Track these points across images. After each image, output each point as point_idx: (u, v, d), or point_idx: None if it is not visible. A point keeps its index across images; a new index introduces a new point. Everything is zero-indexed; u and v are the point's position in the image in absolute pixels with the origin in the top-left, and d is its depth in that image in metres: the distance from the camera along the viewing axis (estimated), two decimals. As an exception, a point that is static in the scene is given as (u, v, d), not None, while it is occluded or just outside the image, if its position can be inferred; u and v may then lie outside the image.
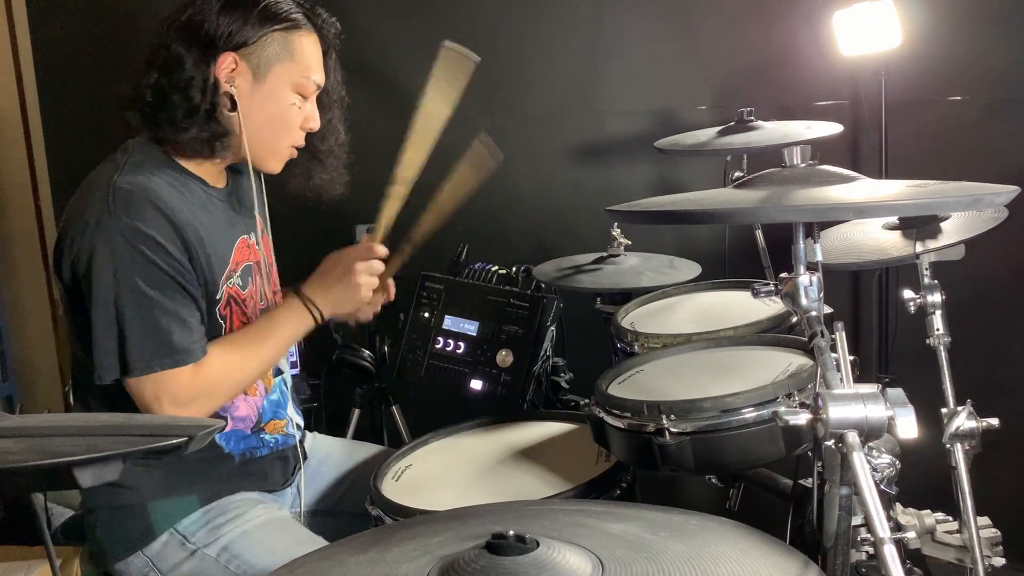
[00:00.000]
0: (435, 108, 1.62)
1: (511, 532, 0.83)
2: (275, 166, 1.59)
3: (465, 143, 1.64)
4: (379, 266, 1.60)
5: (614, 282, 2.05)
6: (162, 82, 1.46)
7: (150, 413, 1.41)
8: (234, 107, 1.49)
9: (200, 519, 1.52)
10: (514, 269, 2.09)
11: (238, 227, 1.60)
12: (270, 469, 1.64)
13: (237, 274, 1.56)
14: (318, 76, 1.57)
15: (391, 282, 1.70)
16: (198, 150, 1.50)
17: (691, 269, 2.10)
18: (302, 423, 1.76)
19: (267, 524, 1.55)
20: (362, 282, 1.56)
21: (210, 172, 1.57)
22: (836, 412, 0.90)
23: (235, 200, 1.62)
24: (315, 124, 1.59)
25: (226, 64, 1.47)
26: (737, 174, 2.16)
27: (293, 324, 1.55)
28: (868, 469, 0.88)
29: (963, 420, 1.51)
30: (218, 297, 1.51)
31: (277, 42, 1.50)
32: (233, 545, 1.50)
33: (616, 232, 2.13)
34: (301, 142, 1.59)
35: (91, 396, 1.51)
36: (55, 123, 3.10)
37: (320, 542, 1.55)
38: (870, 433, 0.90)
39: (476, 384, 1.95)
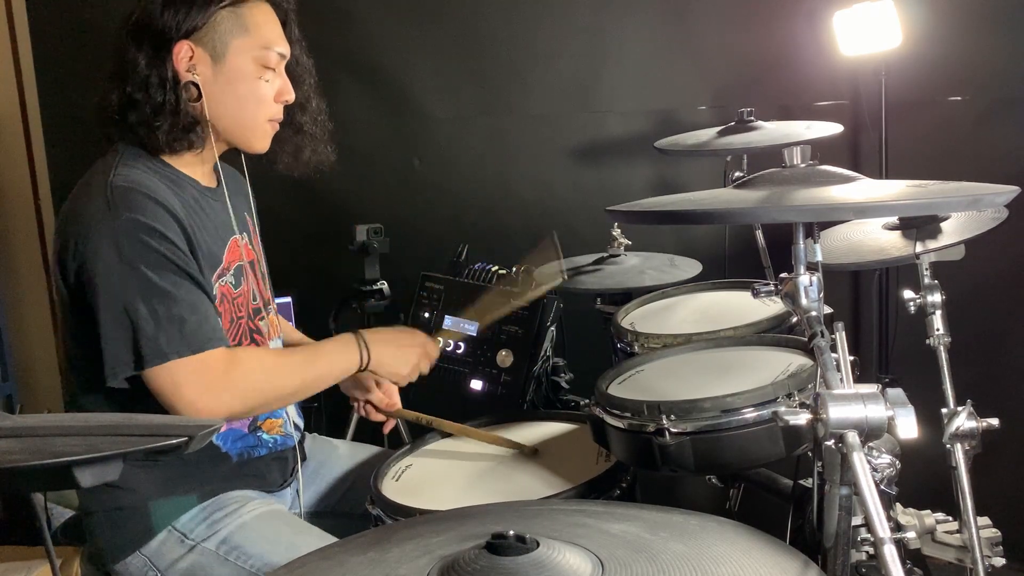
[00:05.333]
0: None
1: (511, 532, 0.83)
2: (261, 144, 1.58)
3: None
4: (428, 368, 1.71)
5: (616, 282, 2.05)
6: (124, 87, 1.46)
7: (171, 405, 1.39)
8: (200, 95, 1.48)
9: (198, 515, 1.52)
10: (514, 269, 2.08)
11: (229, 227, 1.60)
12: (268, 470, 1.64)
13: (230, 272, 1.56)
14: (280, 47, 1.55)
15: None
16: (178, 144, 1.49)
17: (692, 267, 2.10)
18: (302, 424, 1.76)
19: (265, 515, 1.55)
20: (416, 365, 1.67)
21: (200, 172, 1.57)
22: (836, 412, 0.90)
23: (226, 200, 1.62)
24: (290, 96, 1.57)
25: (182, 53, 1.47)
26: (737, 174, 2.16)
27: (340, 357, 1.58)
28: (868, 469, 0.88)
29: (963, 420, 1.50)
30: (213, 293, 1.51)
31: (227, 19, 1.49)
32: (232, 537, 1.50)
33: (616, 232, 2.12)
34: (279, 115, 1.58)
35: (87, 403, 1.49)
36: (55, 123, 3.10)
37: (317, 532, 1.55)
38: (870, 433, 0.90)
39: (476, 384, 1.95)
